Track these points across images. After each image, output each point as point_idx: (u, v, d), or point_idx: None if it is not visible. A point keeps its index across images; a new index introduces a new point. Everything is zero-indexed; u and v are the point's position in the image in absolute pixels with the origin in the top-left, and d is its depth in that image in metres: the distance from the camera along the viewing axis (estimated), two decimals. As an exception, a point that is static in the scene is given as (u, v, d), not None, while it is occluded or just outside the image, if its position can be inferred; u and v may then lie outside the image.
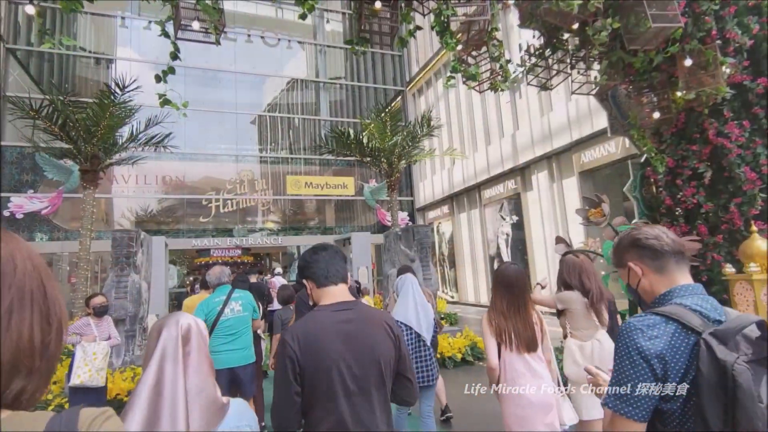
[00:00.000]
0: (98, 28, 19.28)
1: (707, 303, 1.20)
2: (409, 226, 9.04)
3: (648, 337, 1.13)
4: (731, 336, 1.06)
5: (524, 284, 2.69)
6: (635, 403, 1.12)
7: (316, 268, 1.69)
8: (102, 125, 9.43)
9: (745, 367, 1.01)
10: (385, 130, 11.45)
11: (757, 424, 0.97)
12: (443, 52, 18.15)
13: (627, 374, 1.13)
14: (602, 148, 11.10)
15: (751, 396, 0.99)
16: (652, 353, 1.11)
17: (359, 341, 1.58)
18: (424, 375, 3.48)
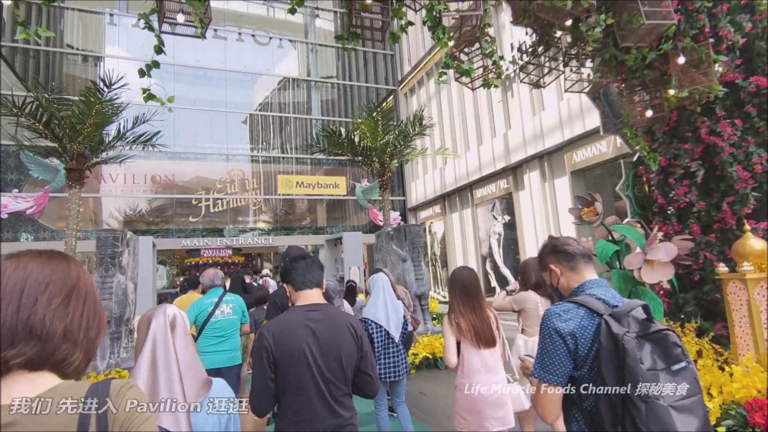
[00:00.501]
0: (86, 25, 18.96)
1: (609, 293, 1.53)
2: (401, 225, 8.96)
3: (563, 319, 1.45)
4: (623, 316, 1.41)
5: (477, 285, 2.98)
6: (555, 372, 1.44)
7: (295, 275, 1.99)
8: (88, 123, 9.21)
9: (631, 338, 1.35)
10: (376, 129, 11.35)
11: (638, 379, 1.30)
12: (435, 51, 18.11)
13: (548, 349, 1.45)
14: (594, 148, 11.11)
15: (635, 359, 1.32)
16: (566, 332, 1.44)
17: (325, 337, 1.85)
18: (393, 371, 3.69)
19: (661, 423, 1.28)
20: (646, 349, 1.37)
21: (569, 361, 1.44)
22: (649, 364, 1.35)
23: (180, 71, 18.63)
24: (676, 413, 1.30)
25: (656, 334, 1.40)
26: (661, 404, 1.30)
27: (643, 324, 1.41)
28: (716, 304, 4.76)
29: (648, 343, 1.38)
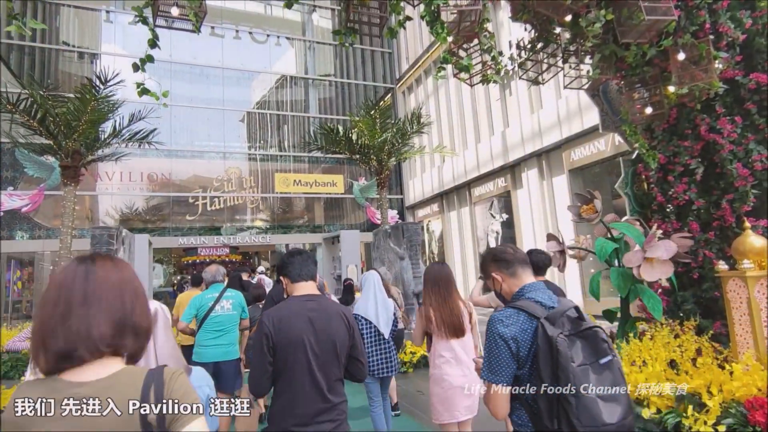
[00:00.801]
0: (82, 22, 18.83)
1: (546, 295, 1.66)
2: (398, 223, 8.92)
3: (505, 325, 1.57)
4: (557, 317, 1.53)
5: (448, 279, 3.14)
6: (501, 373, 1.56)
7: (291, 268, 2.13)
8: (83, 120, 9.14)
9: (563, 339, 1.49)
10: (374, 127, 11.30)
11: (569, 377, 1.43)
12: (433, 48, 18.07)
13: (494, 353, 1.57)
14: (592, 146, 11.09)
15: (567, 358, 1.45)
16: (509, 336, 1.56)
17: (320, 325, 1.99)
18: (384, 366, 3.76)
19: (589, 414, 1.44)
20: (577, 345, 1.54)
21: (513, 362, 1.57)
22: (580, 360, 1.50)
23: (177, 69, 18.53)
24: (603, 402, 1.47)
25: (587, 332, 1.56)
26: (590, 396, 1.45)
27: (575, 322, 1.56)
28: (715, 302, 4.73)
29: (579, 340, 1.54)
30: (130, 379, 0.93)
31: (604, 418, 1.45)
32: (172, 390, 0.94)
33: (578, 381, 1.46)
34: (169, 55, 18.20)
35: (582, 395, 1.46)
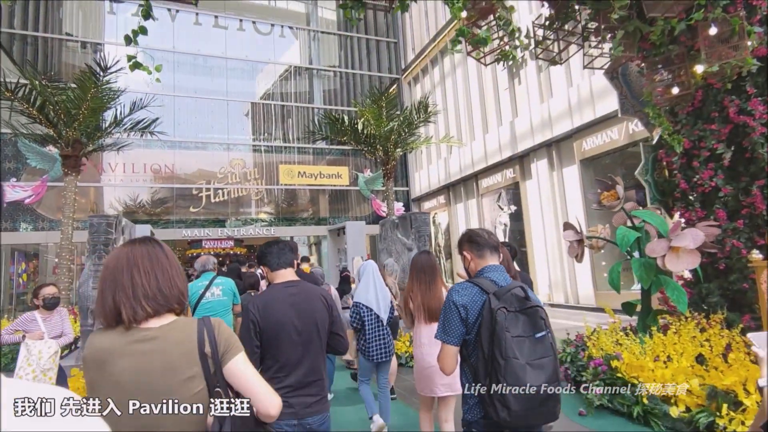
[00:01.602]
0: (86, 14, 18.63)
1: (501, 276, 1.91)
2: (406, 213, 8.68)
3: (460, 294, 1.85)
4: (503, 294, 1.78)
5: (432, 267, 3.31)
6: (452, 334, 1.84)
7: (270, 258, 2.31)
8: (83, 108, 8.95)
9: (504, 312, 1.74)
10: (380, 116, 11.04)
11: (502, 344, 1.70)
12: (440, 38, 17.73)
13: (447, 317, 1.85)
14: (605, 135, 10.78)
15: (502, 328, 1.71)
16: (460, 303, 1.83)
17: (302, 306, 2.19)
18: (382, 351, 3.93)
19: (514, 376, 1.70)
20: (520, 320, 1.78)
21: (462, 326, 1.84)
22: (519, 332, 1.76)
23: (181, 60, 18.33)
24: (530, 368, 1.72)
25: (529, 309, 1.80)
26: (518, 362, 1.71)
27: (522, 301, 1.81)
28: (743, 294, 4.48)
29: (522, 316, 1.79)
30: (185, 325, 1.20)
31: (528, 380, 1.72)
32: (220, 332, 1.23)
33: (509, 348, 1.73)
34: (173, 47, 18.02)
35: (510, 359, 1.72)
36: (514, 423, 1.76)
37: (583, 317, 6.12)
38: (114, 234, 5.73)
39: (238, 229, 17.38)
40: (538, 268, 12.94)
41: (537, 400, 1.74)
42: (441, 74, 18.30)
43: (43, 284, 4.08)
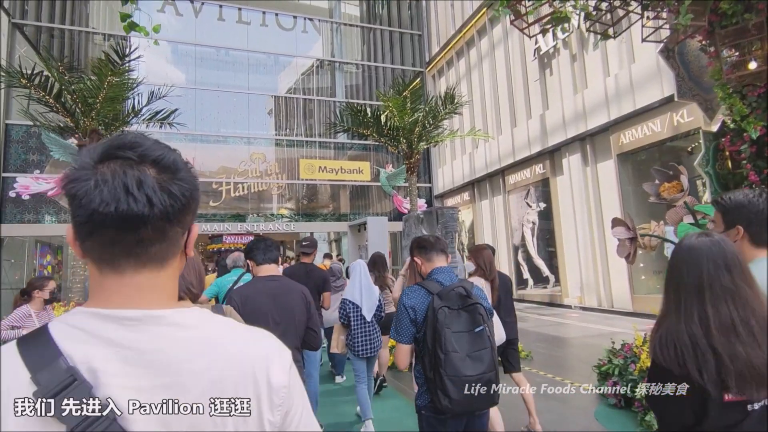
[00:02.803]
0: (112, 10, 18.68)
1: (447, 277, 2.21)
2: (432, 208, 8.17)
3: (409, 297, 2.17)
4: (446, 294, 2.09)
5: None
6: (403, 334, 2.15)
7: (257, 253, 2.60)
8: (100, 97, 8.74)
9: (444, 310, 2.05)
10: (404, 107, 10.53)
11: (442, 339, 2.00)
12: (466, 28, 17.10)
13: (399, 318, 2.18)
14: (646, 128, 10.04)
15: (443, 325, 2.02)
16: (408, 305, 2.15)
17: (281, 299, 2.44)
18: (367, 347, 4.22)
19: (454, 368, 1.98)
20: (462, 316, 2.07)
21: (412, 326, 2.11)
22: (460, 327, 2.04)
23: (203, 56, 18.24)
24: (470, 360, 2.01)
25: (470, 307, 2.09)
26: (458, 355, 2.00)
27: (463, 299, 2.09)
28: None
29: (464, 313, 2.07)
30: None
31: (466, 371, 1.96)
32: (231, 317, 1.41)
33: (449, 343, 1.98)
34: (195, 43, 17.95)
35: (449, 352, 1.97)
36: (455, 409, 2.01)
37: (632, 325, 5.52)
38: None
39: (258, 224, 17.15)
40: (569, 269, 12.25)
41: (476, 389, 1.99)
42: (467, 66, 17.66)
43: (41, 277, 3.73)
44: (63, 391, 0.58)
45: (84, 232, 0.65)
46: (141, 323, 0.65)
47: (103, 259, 0.66)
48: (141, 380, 0.62)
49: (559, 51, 12.80)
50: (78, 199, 0.62)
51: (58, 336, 0.63)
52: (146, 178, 0.64)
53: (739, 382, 1.19)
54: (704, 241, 1.33)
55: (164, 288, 0.71)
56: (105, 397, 0.60)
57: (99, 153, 0.65)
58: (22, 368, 0.60)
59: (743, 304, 1.25)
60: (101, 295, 0.67)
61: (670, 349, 1.28)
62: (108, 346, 0.63)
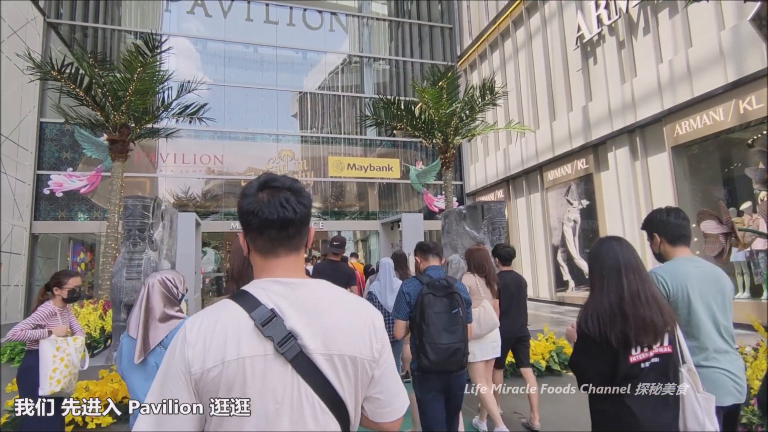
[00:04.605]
0: (144, 12, 18.82)
1: (436, 272, 2.96)
2: (477, 202, 7.62)
3: (406, 286, 2.91)
4: (433, 284, 2.83)
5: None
6: (401, 312, 2.89)
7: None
8: (130, 90, 8.52)
9: (430, 296, 2.79)
10: (440, 99, 10.00)
11: (426, 317, 2.75)
12: (501, 19, 16.42)
13: (398, 301, 2.94)
14: (706, 117, 9.21)
15: (426, 306, 2.76)
16: (406, 291, 2.88)
17: None
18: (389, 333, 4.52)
19: (432, 337, 2.73)
20: (443, 301, 2.82)
21: (407, 307, 2.88)
22: (440, 309, 2.79)
23: (231, 55, 18.18)
24: (445, 332, 2.75)
25: (450, 294, 2.84)
26: (436, 328, 2.74)
27: (445, 288, 2.84)
28: None
29: (445, 299, 2.82)
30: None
31: (442, 340, 2.74)
32: None
33: (430, 318, 2.76)
34: (224, 42, 17.92)
35: (430, 326, 2.75)
36: (434, 368, 2.73)
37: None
38: (151, 218, 5.08)
39: (286, 222, 16.87)
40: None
41: (448, 353, 2.73)
42: (501, 59, 16.97)
43: (64, 272, 3.33)
44: (269, 321, 1.00)
45: (256, 233, 1.08)
46: (298, 286, 1.07)
47: (267, 249, 1.09)
48: (306, 318, 1.03)
49: (604, 38, 12.01)
50: (254, 211, 1.06)
51: (255, 294, 1.05)
52: (289, 197, 1.08)
53: (638, 335, 1.69)
54: (614, 237, 1.92)
55: (301, 266, 1.13)
56: (290, 326, 1.01)
57: (257, 185, 1.10)
58: (242, 311, 1.01)
59: (643, 279, 1.79)
60: (267, 270, 1.10)
61: (594, 319, 1.75)
62: (284, 299, 1.04)
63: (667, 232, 2.26)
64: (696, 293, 2.12)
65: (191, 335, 0.99)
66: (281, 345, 0.97)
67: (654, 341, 1.73)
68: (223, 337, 0.98)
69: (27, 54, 8.89)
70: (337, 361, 1.02)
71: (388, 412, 1.12)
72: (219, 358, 0.96)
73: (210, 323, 1.00)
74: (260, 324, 0.98)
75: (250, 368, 0.96)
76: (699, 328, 2.10)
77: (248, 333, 0.98)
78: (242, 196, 1.10)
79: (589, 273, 1.93)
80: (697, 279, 2.15)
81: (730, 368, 2.08)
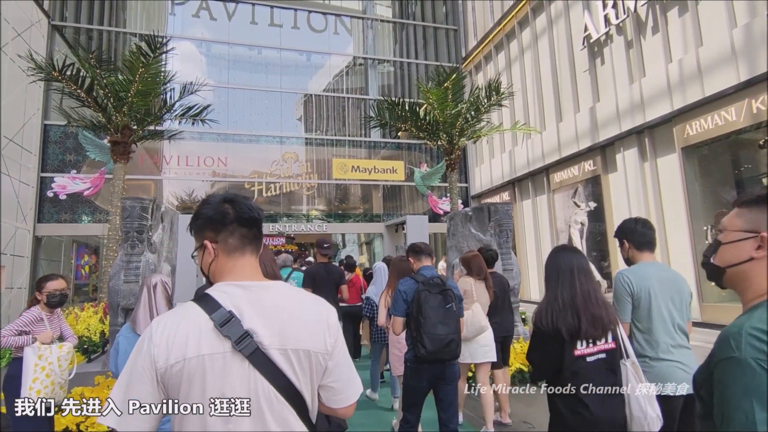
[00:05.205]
0: (149, 15, 18.86)
1: (429, 272, 3.22)
2: (483, 204, 7.46)
3: (403, 285, 3.18)
4: (427, 282, 3.13)
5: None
6: (398, 309, 3.14)
7: None
8: (132, 90, 8.44)
9: (426, 292, 3.09)
10: (446, 99, 9.86)
11: (422, 311, 3.05)
12: (506, 20, 16.28)
13: (395, 299, 3.17)
14: (717, 117, 9.01)
15: (422, 302, 3.07)
16: (403, 290, 3.15)
17: None
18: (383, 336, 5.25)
19: (430, 328, 3.00)
20: (437, 297, 3.09)
21: (404, 304, 3.12)
22: (435, 305, 3.06)
23: (236, 58, 18.17)
24: (440, 325, 3.02)
25: (444, 291, 3.12)
26: (431, 321, 3.02)
27: (439, 286, 3.13)
28: None
29: (439, 295, 3.09)
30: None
31: (437, 331, 3.00)
32: None
33: (427, 312, 3.03)
34: (228, 44, 17.91)
35: (427, 319, 3.01)
36: (429, 357, 3.01)
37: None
38: (150, 220, 4.96)
39: (290, 225, 16.79)
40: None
41: (443, 343, 3.01)
42: (507, 60, 16.82)
43: (49, 275, 3.20)
44: (227, 322, 1.10)
45: (228, 232, 1.21)
46: (256, 288, 1.19)
47: (236, 248, 1.21)
48: (264, 317, 1.14)
49: (612, 38, 11.83)
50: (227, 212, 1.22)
51: (216, 297, 1.15)
52: (251, 204, 1.26)
53: (589, 328, 1.97)
54: (569, 246, 2.28)
55: (258, 267, 1.26)
56: (248, 326, 1.11)
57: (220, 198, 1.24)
58: (203, 312, 1.11)
59: (592, 282, 2.11)
60: (231, 273, 1.21)
61: (549, 315, 2.00)
62: (244, 301, 1.15)
63: (634, 239, 2.56)
64: (656, 293, 2.39)
65: (156, 335, 1.09)
66: (238, 343, 1.08)
67: (600, 336, 1.99)
68: (184, 336, 1.09)
69: (28, 54, 8.83)
70: (292, 355, 1.13)
71: (342, 399, 1.24)
72: (180, 355, 1.07)
73: (173, 324, 1.11)
74: (219, 325, 1.09)
75: (210, 364, 1.07)
76: (658, 324, 2.35)
77: (208, 333, 1.09)
78: (205, 204, 1.24)
79: (545, 277, 2.21)
80: (659, 281, 2.42)
81: (684, 361, 2.31)
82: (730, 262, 1.12)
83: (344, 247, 21.93)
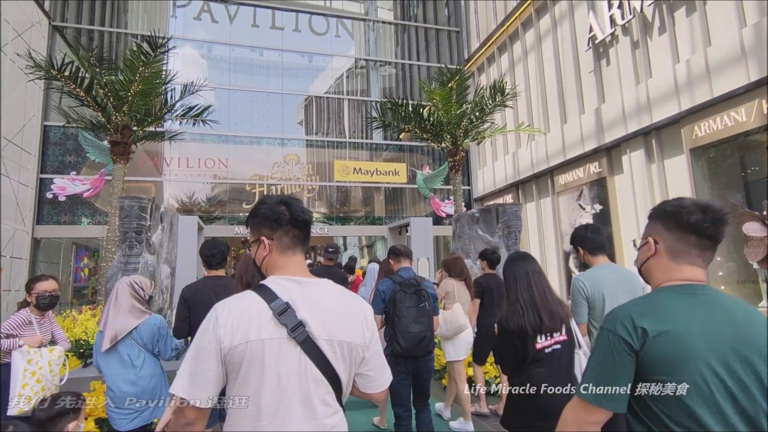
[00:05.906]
0: (150, 17, 18.79)
1: (407, 273, 3.54)
2: (491, 205, 7.31)
3: (381, 285, 3.52)
4: (404, 283, 3.44)
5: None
6: (377, 307, 3.44)
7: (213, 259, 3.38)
8: (132, 90, 8.31)
9: (401, 292, 3.40)
10: (450, 100, 9.72)
11: (397, 310, 3.36)
12: (509, 21, 16.18)
13: (375, 297, 3.50)
14: (727, 117, 8.87)
15: (398, 302, 3.37)
16: (381, 291, 3.48)
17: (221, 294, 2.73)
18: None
19: (404, 326, 3.26)
20: (412, 297, 3.35)
21: (383, 303, 3.40)
22: (409, 304, 3.32)
23: (237, 60, 18.09)
24: (414, 323, 3.28)
25: (419, 291, 3.38)
26: (407, 319, 3.28)
27: (414, 286, 3.39)
28: None
29: (414, 295, 3.35)
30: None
31: (411, 329, 3.25)
32: None
33: (401, 311, 3.29)
34: (230, 46, 17.84)
35: (402, 317, 3.27)
36: (404, 353, 3.27)
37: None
38: (149, 220, 4.80)
39: (291, 227, 16.60)
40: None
41: (416, 340, 3.26)
42: (510, 61, 16.70)
43: (39, 276, 3.03)
44: (284, 312, 1.27)
45: (283, 231, 1.39)
46: (306, 284, 1.37)
47: (289, 246, 1.40)
48: (313, 310, 1.32)
49: (617, 38, 11.71)
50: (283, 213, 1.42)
51: (272, 288, 1.33)
52: (304, 208, 1.45)
53: (549, 322, 2.27)
54: (522, 253, 2.58)
55: (305, 265, 1.45)
56: (300, 316, 1.28)
57: (277, 199, 1.44)
58: (262, 301, 1.29)
59: (546, 283, 2.44)
60: (284, 268, 1.40)
61: (514, 317, 2.30)
62: (296, 294, 1.32)
63: (586, 245, 2.81)
64: (610, 293, 2.60)
65: (222, 318, 1.27)
66: (293, 331, 1.26)
67: (557, 329, 2.30)
68: (247, 321, 1.27)
69: (27, 53, 8.71)
70: (336, 346, 1.32)
71: (375, 385, 1.44)
72: (244, 338, 1.24)
73: (237, 309, 1.29)
74: (277, 314, 1.27)
75: (269, 347, 1.25)
76: None
77: (267, 320, 1.27)
78: (262, 203, 1.44)
79: (504, 282, 2.49)
80: (611, 282, 2.64)
81: None
82: (641, 261, 1.47)
83: (345, 250, 21.78)
